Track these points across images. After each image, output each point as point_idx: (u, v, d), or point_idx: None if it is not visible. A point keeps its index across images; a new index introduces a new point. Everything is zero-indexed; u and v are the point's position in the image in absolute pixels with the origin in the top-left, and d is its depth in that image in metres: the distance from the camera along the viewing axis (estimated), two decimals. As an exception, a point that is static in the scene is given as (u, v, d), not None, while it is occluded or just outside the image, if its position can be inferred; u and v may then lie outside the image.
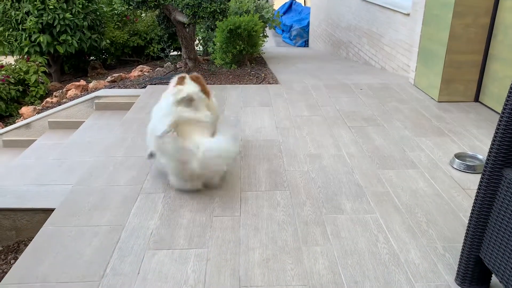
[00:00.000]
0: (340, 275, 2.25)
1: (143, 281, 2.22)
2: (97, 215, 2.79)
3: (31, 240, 2.58)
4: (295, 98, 5.12)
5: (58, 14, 7.74)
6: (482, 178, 1.96)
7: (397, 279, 2.23)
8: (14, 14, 7.81)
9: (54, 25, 7.81)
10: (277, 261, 2.36)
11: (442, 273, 2.27)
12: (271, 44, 13.47)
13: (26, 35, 7.85)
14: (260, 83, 5.88)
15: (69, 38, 7.96)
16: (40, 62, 7.84)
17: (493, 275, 2.12)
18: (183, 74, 3.22)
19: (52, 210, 2.88)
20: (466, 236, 2.09)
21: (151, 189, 3.10)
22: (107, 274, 2.27)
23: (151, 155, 3.19)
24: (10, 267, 2.54)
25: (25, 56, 8.03)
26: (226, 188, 3.11)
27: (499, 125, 1.85)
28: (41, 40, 7.74)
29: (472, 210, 2.04)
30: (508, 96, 1.79)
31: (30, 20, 7.67)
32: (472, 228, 2.03)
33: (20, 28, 7.89)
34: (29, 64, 7.65)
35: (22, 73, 7.51)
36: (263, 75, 6.33)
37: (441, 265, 2.33)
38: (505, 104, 1.81)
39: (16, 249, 3.30)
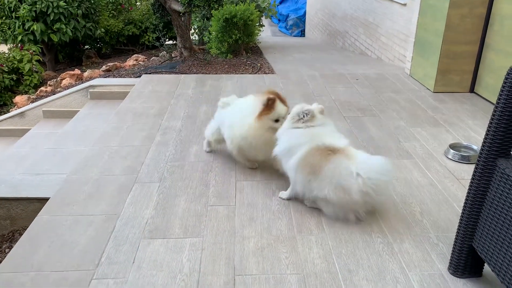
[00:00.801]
0: (334, 264, 2.27)
1: (138, 269, 2.23)
2: (92, 204, 2.79)
3: (25, 229, 2.58)
4: (291, 88, 5.11)
5: (51, 2, 7.66)
6: (476, 168, 1.97)
7: (390, 268, 2.25)
8: (7, 1, 7.72)
9: (48, 13, 7.73)
10: (271, 250, 2.37)
11: (435, 262, 2.29)
12: (267, 33, 13.40)
13: (20, 23, 7.77)
14: (256, 73, 5.86)
15: (63, 26, 7.89)
16: (34, 51, 7.77)
17: (485, 264, 2.14)
18: (270, 96, 2.85)
19: (47, 199, 2.87)
20: (459, 226, 2.10)
21: (146, 179, 3.09)
22: (102, 263, 2.28)
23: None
24: (5, 256, 2.54)
25: (19, 45, 7.96)
26: (221, 178, 3.11)
27: (493, 115, 1.85)
28: (35, 29, 7.67)
29: (466, 200, 2.05)
30: (503, 87, 1.80)
31: (24, 8, 7.58)
32: (466, 218, 2.05)
33: (14, 16, 7.80)
34: (23, 53, 7.58)
35: (15, 62, 7.45)
36: (259, 64, 6.30)
37: (435, 254, 2.35)
38: (500, 95, 1.81)
39: (10, 238, 3.30)
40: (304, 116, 2.62)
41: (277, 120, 2.86)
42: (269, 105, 2.84)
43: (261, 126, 2.85)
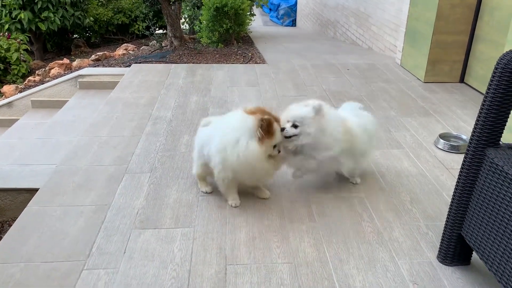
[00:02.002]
0: (325, 253, 2.29)
1: (129, 260, 2.23)
2: (82, 194, 2.77)
3: (15, 220, 2.55)
4: (282, 78, 5.10)
5: (39, -10, 7.53)
6: (465, 157, 1.99)
7: (380, 257, 2.27)
8: (-7, -11, 7.58)
9: (35, 1, 7.60)
10: (263, 239, 2.38)
11: (424, 250, 2.32)
12: (258, 23, 13.32)
13: (6, 12, 7.64)
14: (247, 63, 5.83)
15: (51, 15, 7.77)
16: (21, 40, 7.64)
17: (473, 252, 2.17)
18: (265, 117, 2.44)
19: (36, 190, 2.85)
20: (448, 215, 2.13)
21: (137, 169, 3.08)
22: (93, 254, 2.27)
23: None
24: (-6, 247, 2.52)
25: (6, 34, 7.82)
26: (212, 168, 3.10)
27: (482, 105, 1.86)
28: (22, 17, 7.54)
29: (455, 189, 2.07)
30: (492, 77, 1.81)
31: (10, -5, 7.45)
32: (455, 207, 2.07)
33: (0, 4, 7.66)
34: (10, 42, 7.45)
35: (3, 51, 7.32)
36: (250, 54, 6.27)
37: (424, 243, 2.38)
38: (489, 85, 1.82)
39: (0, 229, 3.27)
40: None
41: (274, 146, 2.49)
42: (266, 129, 2.40)
43: (264, 150, 2.42)
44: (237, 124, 2.47)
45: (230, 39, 6.94)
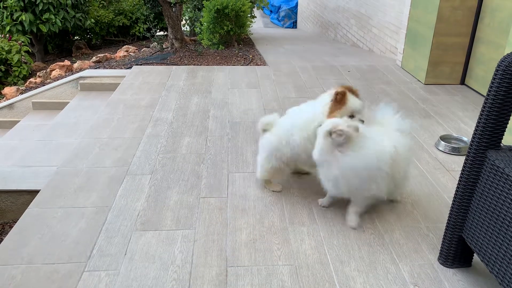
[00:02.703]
0: (326, 255, 2.28)
1: (130, 261, 2.23)
2: (83, 196, 2.77)
3: (16, 222, 2.56)
4: (283, 79, 5.10)
5: (40, -8, 7.55)
6: (466, 159, 1.99)
7: (381, 259, 2.27)
8: (-6, -9, 7.60)
9: (37, 3, 7.61)
10: (264, 241, 2.38)
11: (425, 252, 2.32)
12: (259, 25, 13.34)
13: (8, 13, 7.65)
14: (247, 64, 5.83)
15: (52, 16, 7.78)
16: (22, 42, 7.66)
17: (474, 254, 2.16)
18: (339, 90, 2.49)
19: (37, 191, 2.85)
20: (449, 217, 2.12)
21: (138, 171, 3.08)
22: (94, 255, 2.27)
23: None
24: (-5, 249, 2.52)
25: (7, 35, 7.83)
26: (213, 170, 3.10)
27: (483, 107, 1.86)
28: (23, 19, 7.55)
29: (456, 191, 2.07)
30: (493, 79, 1.81)
31: (12, -3, 7.46)
32: (456, 209, 2.07)
33: (1, 6, 7.67)
34: (11, 43, 7.47)
35: (4, 53, 7.34)
36: (250, 56, 6.28)
37: (425, 245, 2.37)
38: (490, 87, 1.82)
39: (0, 231, 3.27)
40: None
41: (351, 116, 2.46)
42: (338, 100, 2.44)
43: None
44: (310, 106, 2.61)
45: (231, 41, 6.95)
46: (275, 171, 2.73)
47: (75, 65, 6.73)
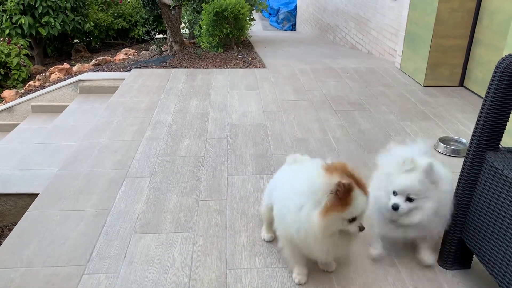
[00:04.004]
0: (325, 257, 2.28)
1: (129, 264, 2.23)
2: (83, 199, 2.77)
3: (15, 225, 2.55)
4: (282, 82, 5.11)
5: (39, -5, 7.56)
6: (465, 161, 1.99)
7: (381, 260, 2.26)
8: (-6, -6, 7.61)
9: (36, 6, 7.63)
10: (263, 243, 2.38)
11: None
12: (258, 27, 13.36)
13: (7, 17, 7.66)
14: (247, 67, 5.84)
15: (51, 20, 7.79)
16: (22, 45, 7.67)
17: (474, 256, 2.16)
18: (343, 182, 1.73)
19: (36, 194, 2.85)
20: (449, 218, 2.12)
21: (137, 173, 3.08)
22: (93, 258, 2.27)
23: None
24: (-6, 252, 2.51)
25: (6, 39, 7.84)
26: (212, 172, 3.10)
27: (482, 109, 1.87)
28: (23, 22, 7.56)
29: (455, 192, 2.07)
30: (492, 81, 1.81)
31: (11, 1, 7.47)
32: (455, 211, 2.07)
33: (1, 10, 7.68)
34: (11, 47, 7.47)
35: (3, 56, 7.34)
36: (250, 59, 6.29)
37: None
38: (489, 89, 1.83)
39: (0, 234, 3.27)
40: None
41: (352, 219, 1.83)
42: (340, 196, 1.76)
43: (327, 225, 1.78)
44: (304, 185, 1.87)
45: (230, 43, 6.96)
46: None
47: (75, 68, 6.73)
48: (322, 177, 1.79)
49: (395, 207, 2.00)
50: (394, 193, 2.03)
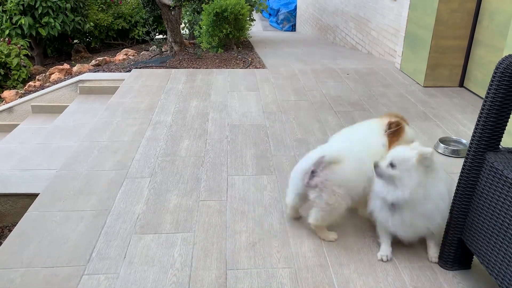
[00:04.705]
0: (325, 258, 2.28)
1: (129, 265, 2.22)
2: (82, 199, 2.77)
3: (15, 225, 2.55)
4: (282, 82, 5.11)
5: (39, -4, 7.56)
6: (465, 162, 1.99)
7: (382, 261, 2.26)
8: (-6, -5, 7.61)
9: (36, 6, 7.62)
10: (263, 244, 2.38)
11: (425, 255, 2.31)
12: (258, 28, 13.36)
13: (7, 17, 7.66)
14: (247, 68, 5.84)
15: (51, 20, 7.79)
16: (22, 45, 7.66)
17: (474, 256, 2.16)
18: (393, 120, 2.41)
19: (36, 195, 2.85)
20: (449, 219, 2.12)
21: (137, 174, 3.08)
22: (93, 259, 2.27)
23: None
24: (-6, 253, 2.51)
25: (6, 39, 7.84)
26: (212, 173, 3.10)
27: (482, 109, 1.87)
28: (23, 22, 7.56)
29: (455, 193, 2.07)
30: (492, 81, 1.81)
31: (11, 1, 7.47)
32: (455, 211, 2.07)
33: (1, 10, 7.68)
34: (11, 47, 7.47)
35: (3, 56, 7.34)
36: (250, 59, 6.29)
37: (424, 247, 2.37)
38: (489, 89, 1.83)
39: (0, 234, 3.27)
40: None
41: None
42: (394, 132, 2.35)
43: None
44: (363, 135, 2.43)
45: (230, 44, 6.96)
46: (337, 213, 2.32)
47: (74, 69, 6.73)
48: (378, 120, 2.44)
49: (375, 165, 2.16)
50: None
